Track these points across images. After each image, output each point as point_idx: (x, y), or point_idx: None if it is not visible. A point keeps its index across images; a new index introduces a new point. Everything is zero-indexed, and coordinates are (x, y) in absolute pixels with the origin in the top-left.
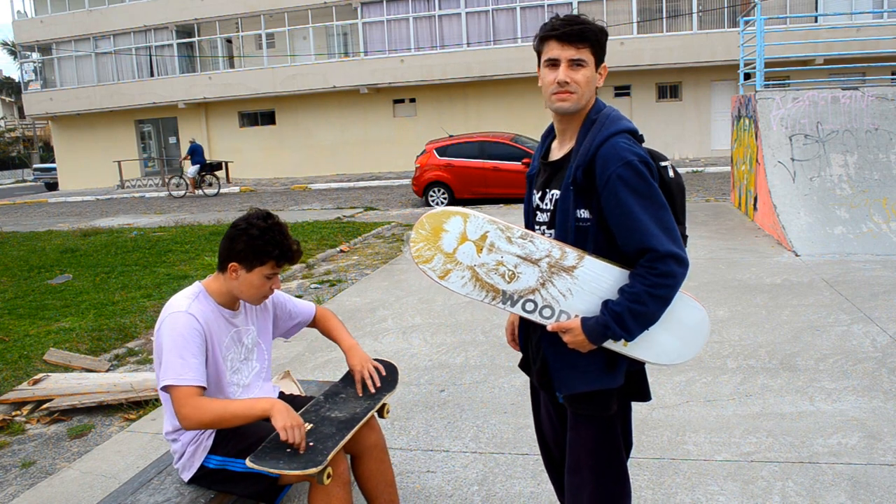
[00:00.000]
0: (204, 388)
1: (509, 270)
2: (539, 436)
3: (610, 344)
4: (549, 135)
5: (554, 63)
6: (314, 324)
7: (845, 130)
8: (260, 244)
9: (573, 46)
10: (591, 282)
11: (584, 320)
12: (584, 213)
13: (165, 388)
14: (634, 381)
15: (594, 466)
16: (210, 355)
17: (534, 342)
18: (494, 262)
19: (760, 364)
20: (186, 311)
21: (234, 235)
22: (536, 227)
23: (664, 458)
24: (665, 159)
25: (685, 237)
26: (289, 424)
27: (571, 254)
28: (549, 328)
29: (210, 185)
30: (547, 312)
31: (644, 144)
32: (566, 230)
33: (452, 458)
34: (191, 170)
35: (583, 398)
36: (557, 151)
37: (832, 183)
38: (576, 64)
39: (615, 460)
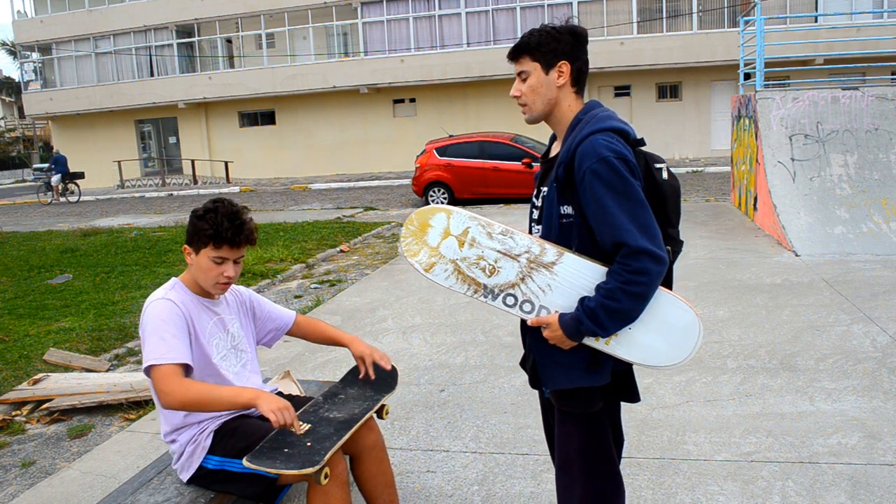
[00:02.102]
0: (189, 367)
1: (489, 265)
2: (547, 431)
3: (592, 342)
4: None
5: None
6: (297, 331)
7: (845, 130)
8: (199, 224)
9: (515, 61)
10: (571, 278)
11: (562, 316)
12: (567, 210)
13: (149, 371)
14: (622, 381)
15: (583, 464)
16: (193, 339)
17: (527, 340)
18: (475, 257)
19: (760, 364)
20: (164, 297)
21: (190, 219)
22: (532, 223)
23: (664, 458)
24: (661, 161)
25: (680, 241)
26: (275, 407)
27: (551, 250)
28: (529, 323)
29: (72, 192)
30: (527, 307)
31: (644, 147)
32: (551, 226)
33: (452, 458)
34: (54, 178)
35: (567, 395)
36: (554, 150)
37: (832, 183)
38: (521, 77)
39: (604, 458)
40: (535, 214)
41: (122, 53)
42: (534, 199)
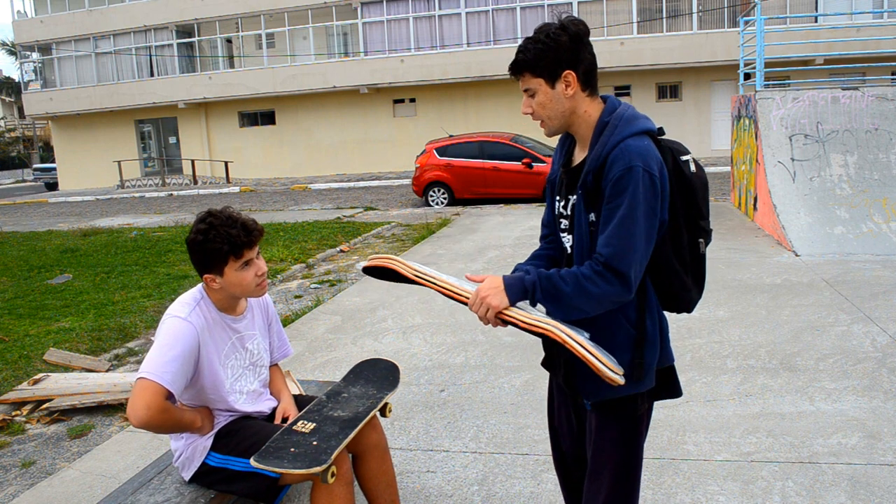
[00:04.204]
0: (172, 396)
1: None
2: (552, 434)
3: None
4: (568, 138)
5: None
6: (273, 364)
7: (845, 130)
8: (210, 248)
9: (518, 79)
10: None
11: (506, 276)
12: (594, 217)
13: (138, 380)
14: (664, 379)
15: (615, 472)
16: (206, 364)
17: (556, 350)
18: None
19: (760, 364)
20: (185, 318)
21: (192, 250)
22: (561, 233)
23: (664, 458)
24: (686, 153)
25: (709, 231)
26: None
27: None
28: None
29: None
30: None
31: (665, 137)
32: (581, 234)
33: (452, 458)
34: None
35: (611, 403)
36: (577, 157)
37: (832, 183)
38: (528, 94)
39: (635, 466)
40: (565, 223)
41: (122, 53)
42: (560, 209)
